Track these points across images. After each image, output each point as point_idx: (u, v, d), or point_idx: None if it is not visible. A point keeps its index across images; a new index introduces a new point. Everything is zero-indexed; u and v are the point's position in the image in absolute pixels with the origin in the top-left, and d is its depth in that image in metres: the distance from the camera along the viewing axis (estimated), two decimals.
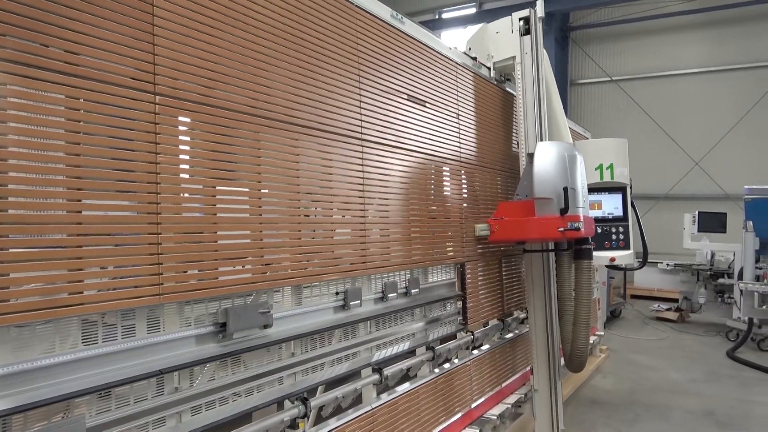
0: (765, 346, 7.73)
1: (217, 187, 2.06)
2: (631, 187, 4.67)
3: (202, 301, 2.00)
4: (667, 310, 10.17)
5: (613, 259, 4.50)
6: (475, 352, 3.96)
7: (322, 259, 2.52)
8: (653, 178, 13.43)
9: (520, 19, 4.19)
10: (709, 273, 9.35)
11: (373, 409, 2.77)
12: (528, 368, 4.66)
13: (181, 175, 1.91)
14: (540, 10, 4.13)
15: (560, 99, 4.39)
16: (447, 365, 3.58)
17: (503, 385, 4.26)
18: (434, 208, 3.47)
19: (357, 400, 2.85)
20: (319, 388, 2.64)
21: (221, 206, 2.07)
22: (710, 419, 5.03)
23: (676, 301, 10.30)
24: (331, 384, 2.68)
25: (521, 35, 4.19)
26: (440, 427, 3.35)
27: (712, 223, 9.31)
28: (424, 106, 3.40)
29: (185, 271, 1.90)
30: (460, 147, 3.82)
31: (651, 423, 4.90)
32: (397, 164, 3.10)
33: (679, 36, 13.95)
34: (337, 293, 2.67)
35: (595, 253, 3.88)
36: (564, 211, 3.42)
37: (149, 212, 1.78)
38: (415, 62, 3.34)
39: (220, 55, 2.07)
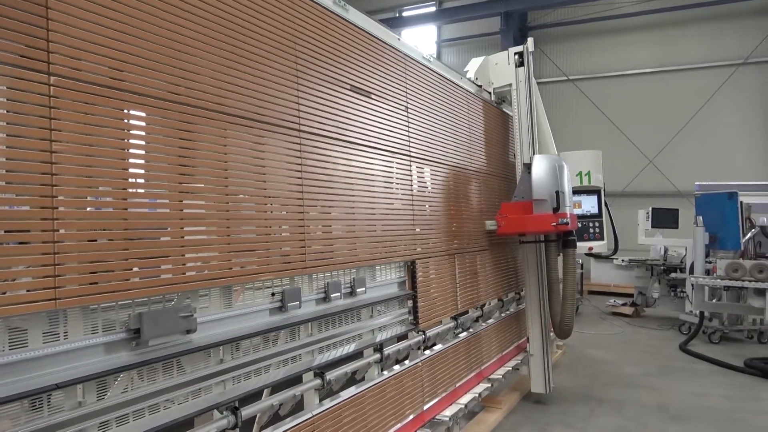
0: (715, 339, 7.90)
1: (130, 180, 1.88)
2: (604, 190, 5.61)
3: (111, 305, 1.81)
4: (623, 305, 10.33)
5: (591, 248, 5.54)
6: (428, 352, 3.85)
7: (255, 257, 2.35)
8: (609, 176, 13.57)
9: (515, 53, 5.10)
10: (662, 268, 9.54)
11: (314, 416, 2.62)
12: (487, 363, 4.60)
13: (85, 166, 1.72)
14: (531, 45, 5.02)
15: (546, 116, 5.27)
16: (397, 367, 3.46)
17: (457, 384, 4.17)
18: (384, 205, 3.34)
19: (298, 407, 2.69)
20: (264, 392, 2.47)
21: (135, 200, 1.88)
22: (663, 413, 5.06)
23: (631, 296, 10.48)
24: (271, 391, 2.51)
25: (516, 67, 5.10)
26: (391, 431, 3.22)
27: (665, 219, 9.50)
28: (370, 98, 3.26)
29: (92, 272, 1.71)
30: (409, 141, 3.70)
31: (606, 418, 4.90)
32: (340, 158, 2.95)
33: (633, 36, 14.25)
34: (273, 294, 2.51)
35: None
36: (556, 209, 4.33)
37: (43, 206, 1.59)
38: (360, 52, 3.20)
39: (132, 34, 1.88)
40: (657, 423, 4.80)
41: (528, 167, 4.58)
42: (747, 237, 7.49)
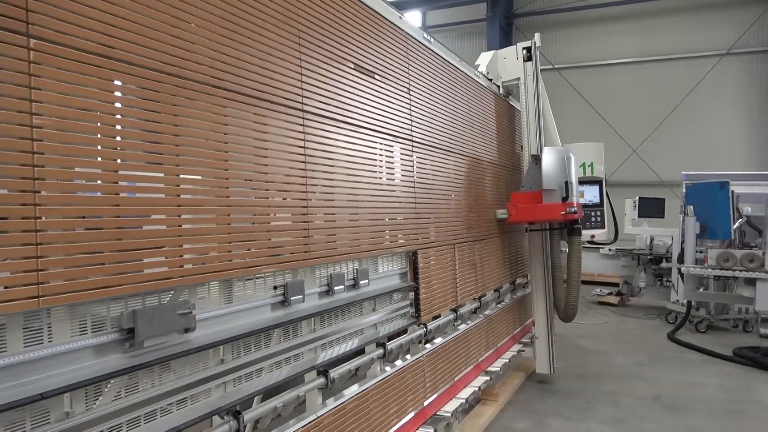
0: (702, 328, 7.94)
1: (122, 161, 1.66)
2: (606, 180, 5.82)
3: (101, 302, 1.60)
4: (609, 294, 10.36)
5: (593, 236, 5.75)
6: (428, 346, 3.70)
7: (256, 248, 2.15)
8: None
9: (523, 49, 5.23)
10: (648, 257, 9.56)
11: (318, 417, 2.44)
12: (485, 355, 4.48)
13: (70, 144, 1.50)
14: (538, 41, 5.20)
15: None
16: (399, 362, 3.30)
17: (456, 378, 4.03)
18: (386, 192, 3.16)
19: (300, 407, 2.51)
20: (256, 398, 2.28)
21: (127, 185, 1.67)
22: (658, 403, 5.02)
23: (617, 285, 10.51)
24: (271, 392, 2.33)
25: (524, 61, 5.24)
26: (392, 430, 3.07)
27: (651, 208, 9.50)
28: (373, 78, 3.07)
29: (79, 266, 1.50)
30: (411, 125, 3.51)
31: (602, 410, 4.83)
32: (343, 141, 2.76)
33: (618, 26, 14.23)
34: (275, 287, 2.31)
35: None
36: (565, 199, 4.55)
37: (22, 190, 1.37)
38: (362, 28, 3.00)
39: None
40: (654, 414, 4.75)
41: (535, 158, 4.81)
42: (735, 226, 7.51)
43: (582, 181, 5.45)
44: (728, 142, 13.22)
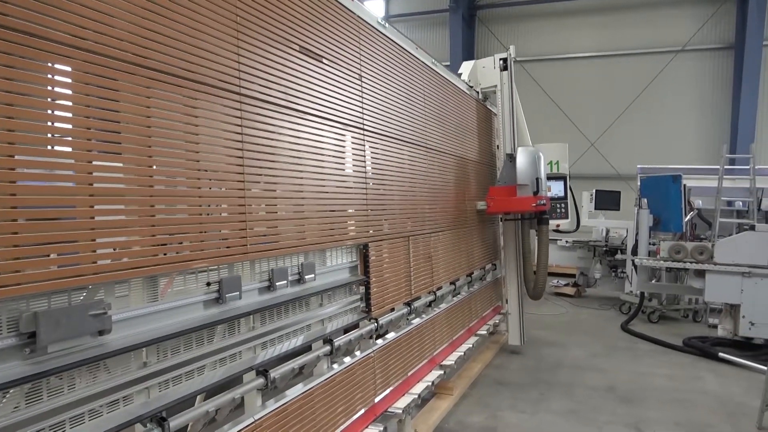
0: (655, 318, 8.11)
1: (21, 145, 1.48)
2: (570, 176, 6.56)
3: None
4: (565, 285, 10.50)
5: (558, 225, 6.49)
6: (380, 341, 3.59)
7: (186, 241, 1.99)
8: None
9: (500, 59, 5.98)
10: (604, 249, 9.70)
11: (256, 420, 2.31)
12: (439, 349, 4.42)
13: None
14: (513, 52, 5.96)
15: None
16: (348, 359, 3.18)
17: (410, 373, 3.95)
18: (335, 182, 3.02)
19: (240, 410, 2.37)
20: (198, 398, 2.13)
21: (25, 171, 1.49)
22: (612, 394, 5.07)
23: (573, 276, 10.66)
24: (210, 395, 2.18)
25: (501, 71, 5.98)
26: (339, 429, 2.96)
27: (607, 200, 9.63)
28: (321, 62, 2.92)
29: None
30: (362, 113, 3.38)
31: (556, 402, 4.84)
32: (287, 128, 2.60)
33: (577, 20, 14.36)
34: (208, 284, 2.16)
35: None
36: (536, 193, 5.15)
37: None
38: (310, 9, 2.84)
39: None
40: (607, 405, 4.79)
41: (510, 157, 5.41)
42: (686, 219, 7.67)
43: (549, 177, 6.03)
44: (682, 136, 13.54)
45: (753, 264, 6.24)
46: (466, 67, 6.27)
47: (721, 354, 6.14)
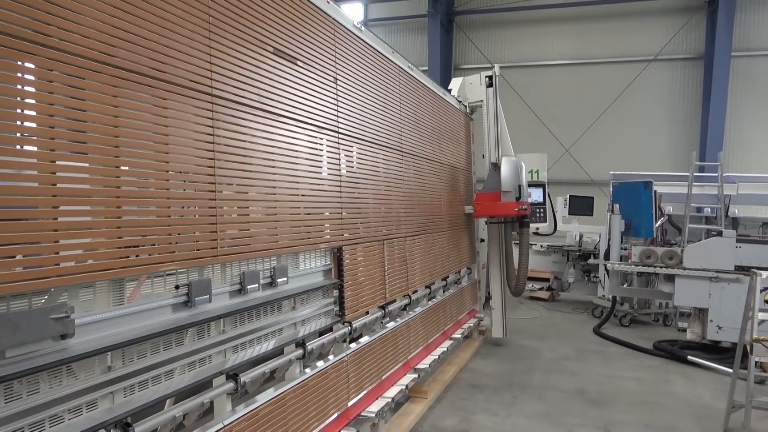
0: (626, 322, 8.24)
1: None
2: (548, 183, 7.35)
3: None
4: (540, 289, 10.61)
5: (537, 228, 7.15)
6: (354, 344, 3.58)
7: (154, 244, 1.96)
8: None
9: (486, 77, 6.59)
10: (577, 254, 9.84)
11: (226, 425, 2.27)
12: (414, 353, 4.42)
13: None
14: (497, 70, 6.60)
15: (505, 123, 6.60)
16: (320, 363, 3.16)
17: (384, 377, 3.94)
18: (308, 185, 3.00)
19: (207, 416, 2.34)
20: (167, 402, 2.09)
21: None
22: (583, 397, 5.13)
23: (548, 280, 10.78)
24: (178, 400, 2.14)
25: (486, 87, 6.58)
26: None
27: (581, 206, 9.79)
28: (295, 64, 2.90)
29: None
30: (337, 116, 3.37)
31: (529, 405, 4.88)
32: (260, 130, 2.58)
33: (553, 27, 14.58)
34: (177, 287, 2.12)
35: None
36: (518, 198, 5.71)
37: None
38: (284, 10, 2.82)
39: None
40: (578, 408, 4.85)
41: (495, 165, 5.91)
42: (657, 224, 7.83)
43: (530, 185, 6.60)
44: (653, 143, 13.84)
45: (720, 269, 6.39)
46: (455, 84, 6.84)
47: (689, 357, 6.27)
